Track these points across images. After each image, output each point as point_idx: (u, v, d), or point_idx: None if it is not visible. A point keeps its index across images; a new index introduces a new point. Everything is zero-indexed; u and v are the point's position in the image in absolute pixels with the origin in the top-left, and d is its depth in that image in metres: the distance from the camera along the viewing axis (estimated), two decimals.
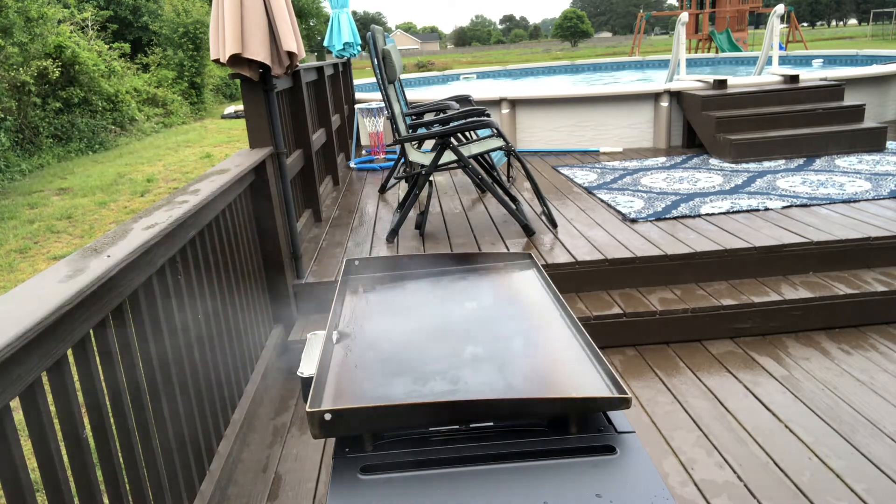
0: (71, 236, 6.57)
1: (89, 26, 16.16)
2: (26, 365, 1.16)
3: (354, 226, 4.20)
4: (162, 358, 1.79)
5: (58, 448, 1.24)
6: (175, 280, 1.93)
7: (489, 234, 3.80)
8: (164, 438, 1.76)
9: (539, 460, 0.95)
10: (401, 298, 1.44)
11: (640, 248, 3.32)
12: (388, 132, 6.36)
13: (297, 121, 4.05)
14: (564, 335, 1.22)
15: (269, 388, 2.83)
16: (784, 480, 1.99)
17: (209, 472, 2.05)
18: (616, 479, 0.92)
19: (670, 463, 2.14)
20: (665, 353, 2.93)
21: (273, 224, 2.99)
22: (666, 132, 6.06)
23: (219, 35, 2.70)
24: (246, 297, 2.68)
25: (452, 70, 13.96)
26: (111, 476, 1.46)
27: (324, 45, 6.67)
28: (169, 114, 16.99)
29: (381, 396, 1.06)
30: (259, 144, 3.01)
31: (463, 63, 40.48)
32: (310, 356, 1.80)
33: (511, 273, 1.54)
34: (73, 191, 8.73)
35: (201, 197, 2.12)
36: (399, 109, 4.03)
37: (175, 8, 19.54)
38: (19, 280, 5.29)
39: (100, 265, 1.44)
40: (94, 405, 1.43)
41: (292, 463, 2.32)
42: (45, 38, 12.11)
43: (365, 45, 4.41)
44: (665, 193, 4.34)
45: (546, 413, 1.02)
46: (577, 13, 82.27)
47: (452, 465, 0.94)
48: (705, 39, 17.53)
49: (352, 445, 0.99)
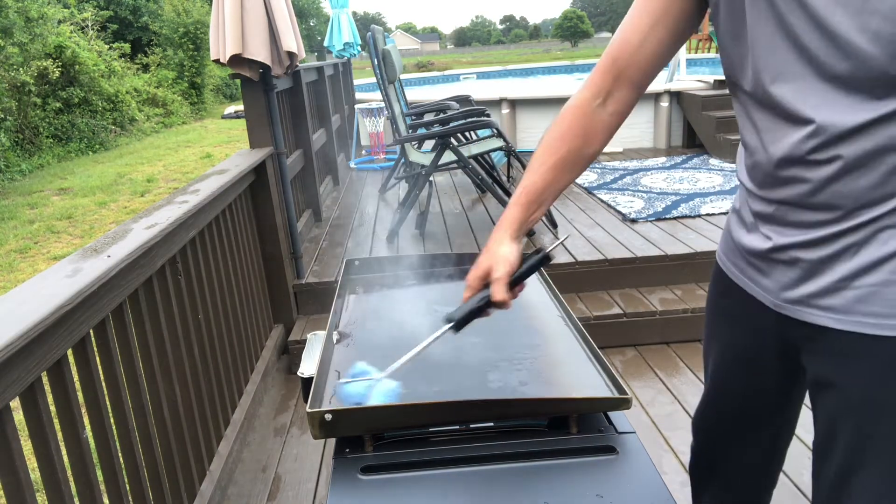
0: (71, 236, 6.57)
1: (89, 26, 16.16)
2: (26, 365, 1.16)
3: (354, 226, 4.20)
4: (162, 358, 1.79)
5: (58, 448, 1.24)
6: (175, 280, 1.93)
7: (489, 234, 3.78)
8: (164, 438, 1.76)
9: (539, 460, 0.95)
10: (401, 298, 1.44)
11: (640, 248, 3.32)
12: (388, 132, 6.35)
13: (297, 121, 4.05)
14: (564, 335, 1.22)
15: (269, 388, 2.83)
16: (783, 480, 1.99)
17: (209, 472, 2.05)
18: (617, 479, 0.92)
19: (670, 463, 2.14)
20: (665, 353, 2.93)
21: (273, 224, 2.99)
22: (666, 132, 6.06)
23: (219, 35, 2.70)
24: (246, 297, 2.68)
25: (452, 70, 13.97)
26: (111, 476, 1.46)
27: (324, 45, 6.67)
28: (169, 114, 16.99)
29: (381, 396, 1.06)
30: (259, 144, 3.01)
31: (463, 63, 40.49)
32: (310, 356, 1.80)
33: None
34: (73, 191, 8.73)
35: (201, 197, 2.12)
36: (399, 109, 4.03)
37: (175, 8, 19.53)
38: (19, 280, 5.29)
39: (100, 265, 1.44)
40: (94, 405, 1.43)
41: (292, 463, 2.32)
42: (45, 38, 12.11)
43: (365, 46, 4.41)
44: (665, 193, 4.34)
45: (546, 413, 1.02)
46: (577, 13, 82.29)
47: (452, 465, 0.94)
48: (705, 39, 17.53)
49: (352, 445, 0.99)
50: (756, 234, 1.00)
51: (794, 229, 0.92)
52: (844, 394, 0.94)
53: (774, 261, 0.97)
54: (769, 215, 0.96)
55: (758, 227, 0.99)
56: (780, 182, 0.91)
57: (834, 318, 0.91)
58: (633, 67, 1.01)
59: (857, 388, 0.92)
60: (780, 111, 0.87)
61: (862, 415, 0.92)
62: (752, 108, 0.93)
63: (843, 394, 0.94)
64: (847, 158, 0.82)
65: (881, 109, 0.78)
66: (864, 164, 0.82)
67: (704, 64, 12.34)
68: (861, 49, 0.76)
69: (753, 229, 1.01)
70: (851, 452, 0.94)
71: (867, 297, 0.87)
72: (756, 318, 1.05)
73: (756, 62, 0.88)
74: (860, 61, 0.77)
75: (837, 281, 0.89)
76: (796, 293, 0.95)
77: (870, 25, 0.75)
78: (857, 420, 0.93)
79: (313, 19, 41.28)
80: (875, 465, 0.93)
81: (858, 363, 0.91)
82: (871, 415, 0.91)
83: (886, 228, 0.84)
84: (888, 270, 0.85)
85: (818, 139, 0.83)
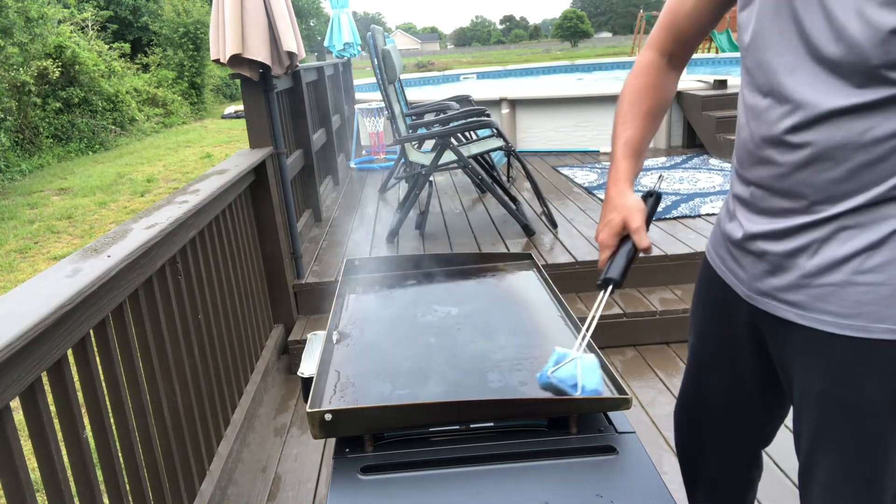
0: (71, 236, 6.57)
1: (89, 26, 16.16)
2: (26, 365, 1.16)
3: (354, 226, 4.20)
4: (162, 358, 1.79)
5: (58, 448, 1.24)
6: (175, 280, 1.93)
7: (489, 234, 3.80)
8: (164, 438, 1.76)
9: (539, 460, 0.95)
10: (401, 298, 1.44)
11: None
12: (388, 132, 6.35)
13: (297, 121, 4.05)
14: (564, 335, 1.22)
15: (269, 388, 2.83)
16: (784, 480, 1.99)
17: (209, 472, 2.05)
18: (617, 479, 0.92)
19: (670, 463, 2.14)
20: (665, 353, 2.93)
21: (273, 224, 2.99)
22: (666, 132, 6.06)
23: (219, 35, 2.70)
24: (246, 297, 2.68)
25: (452, 70, 13.95)
26: (111, 476, 1.46)
27: (324, 45, 6.67)
28: (169, 114, 16.98)
29: (381, 396, 1.06)
30: (259, 144, 3.01)
31: (463, 63, 40.49)
32: (310, 356, 1.80)
33: (511, 273, 1.54)
34: (73, 191, 8.73)
35: (201, 197, 2.12)
36: (399, 109, 4.03)
37: (175, 8, 19.53)
38: (19, 280, 5.29)
39: (100, 265, 1.44)
40: (94, 405, 1.43)
41: (292, 463, 2.32)
42: (45, 38, 12.11)
43: (365, 46, 4.41)
44: (665, 193, 4.34)
45: (546, 413, 1.02)
46: (577, 13, 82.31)
47: (452, 465, 0.94)
48: (705, 39, 17.53)
49: (352, 445, 0.99)
50: (734, 221, 1.05)
51: (762, 217, 0.97)
52: (803, 388, 0.99)
53: (747, 251, 1.02)
54: (745, 200, 1.01)
55: (735, 214, 1.04)
56: (756, 161, 0.96)
57: (797, 313, 0.95)
58: (687, 30, 1.12)
59: (814, 382, 0.96)
60: (766, 82, 0.92)
61: (819, 409, 0.97)
62: (746, 82, 0.98)
63: (802, 388, 0.99)
64: (816, 146, 0.86)
65: (856, 98, 0.81)
66: (831, 157, 0.86)
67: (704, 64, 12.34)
68: (853, 34, 0.79)
69: (733, 217, 1.05)
70: (811, 444, 1.00)
71: (826, 295, 0.91)
72: (732, 309, 1.09)
73: (758, 29, 0.93)
74: (849, 46, 0.80)
75: (800, 277, 0.94)
76: (765, 285, 1.00)
77: (864, 11, 0.77)
78: (814, 414, 0.98)
79: (313, 19, 41.27)
80: (830, 460, 0.98)
81: (816, 359, 0.95)
82: (826, 410, 0.96)
83: (847, 228, 0.88)
84: (847, 272, 0.89)
85: (794, 118, 0.88)
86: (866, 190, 0.85)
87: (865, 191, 0.85)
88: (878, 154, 0.83)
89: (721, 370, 1.19)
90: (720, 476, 1.30)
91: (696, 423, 1.30)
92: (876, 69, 0.79)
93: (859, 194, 0.85)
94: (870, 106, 0.81)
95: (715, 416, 1.24)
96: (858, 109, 0.82)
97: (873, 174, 0.84)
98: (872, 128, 0.82)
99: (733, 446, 1.26)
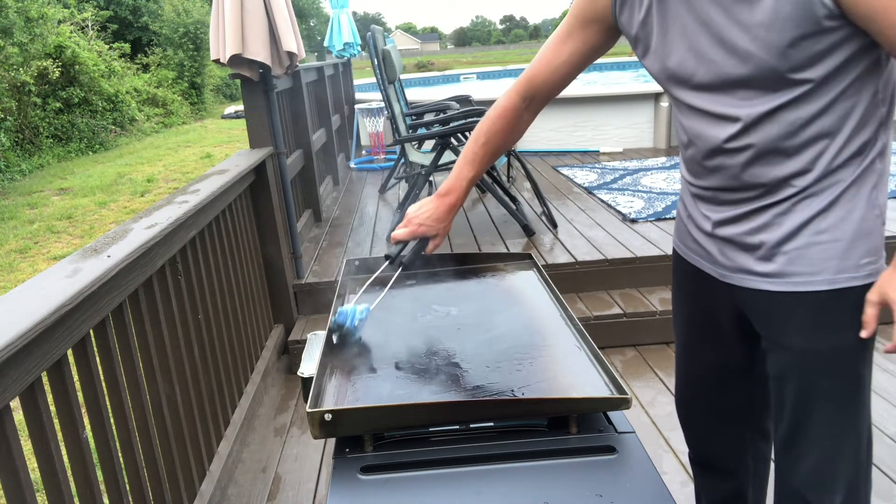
0: (71, 236, 6.57)
1: (89, 26, 16.16)
2: (26, 365, 1.16)
3: (354, 226, 4.20)
4: (162, 358, 1.79)
5: (58, 448, 1.24)
6: (175, 280, 1.93)
7: (489, 234, 3.80)
8: (164, 438, 1.76)
9: (539, 460, 0.95)
10: (401, 298, 1.44)
11: (640, 248, 3.32)
12: (388, 132, 6.35)
13: (297, 121, 4.05)
14: (564, 335, 1.22)
15: (269, 388, 2.83)
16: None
17: (209, 472, 2.05)
18: (616, 479, 0.92)
19: (670, 463, 2.14)
20: (665, 353, 2.93)
21: (273, 224, 2.99)
22: (666, 132, 6.05)
23: (219, 35, 2.70)
24: (246, 297, 2.68)
25: (452, 70, 13.96)
26: (111, 476, 1.46)
27: (324, 45, 6.67)
28: (169, 114, 16.99)
29: (381, 396, 1.06)
30: (259, 144, 3.01)
31: (463, 63, 40.50)
32: (310, 356, 1.80)
33: (511, 273, 1.54)
34: (73, 191, 8.73)
35: (201, 197, 2.12)
36: (399, 109, 4.03)
37: (175, 8, 19.54)
38: (19, 280, 5.29)
39: (100, 265, 1.44)
40: (94, 405, 1.43)
41: (292, 463, 2.32)
42: (45, 38, 12.10)
43: (365, 46, 4.41)
44: (665, 193, 4.34)
45: (546, 413, 1.02)
46: None
47: (452, 465, 0.94)
48: None
49: (352, 445, 0.99)
50: (699, 214, 1.16)
51: (727, 206, 1.09)
52: (789, 350, 1.08)
53: (716, 237, 1.13)
54: (706, 197, 1.12)
55: (699, 208, 1.16)
56: (708, 171, 1.09)
57: (770, 281, 1.06)
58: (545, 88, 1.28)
59: (797, 340, 1.06)
60: (700, 112, 1.05)
61: (806, 364, 1.07)
62: (676, 110, 1.12)
63: (788, 350, 1.08)
64: (758, 146, 1.00)
65: (778, 100, 0.96)
66: (774, 149, 0.99)
67: None
68: (755, 54, 0.94)
69: (695, 211, 1.17)
70: (802, 401, 1.08)
71: (794, 259, 1.03)
72: (710, 290, 1.19)
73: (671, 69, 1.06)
74: (755, 64, 0.95)
75: (768, 250, 1.05)
76: (737, 263, 1.10)
77: (758, 35, 0.93)
78: (801, 371, 1.07)
79: (313, 19, 41.28)
80: (822, 410, 1.07)
81: (795, 318, 1.06)
82: (812, 362, 1.06)
83: (805, 199, 1.01)
84: (808, 234, 1.02)
85: (731, 129, 1.01)
86: (812, 168, 0.99)
87: (811, 169, 0.99)
88: (811, 135, 0.97)
89: (709, 348, 1.29)
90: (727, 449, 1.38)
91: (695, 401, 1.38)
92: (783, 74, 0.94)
93: (807, 173, 0.99)
94: (791, 102, 0.95)
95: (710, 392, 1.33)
96: (784, 106, 0.96)
97: (813, 152, 0.98)
98: (799, 116, 0.96)
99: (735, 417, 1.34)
